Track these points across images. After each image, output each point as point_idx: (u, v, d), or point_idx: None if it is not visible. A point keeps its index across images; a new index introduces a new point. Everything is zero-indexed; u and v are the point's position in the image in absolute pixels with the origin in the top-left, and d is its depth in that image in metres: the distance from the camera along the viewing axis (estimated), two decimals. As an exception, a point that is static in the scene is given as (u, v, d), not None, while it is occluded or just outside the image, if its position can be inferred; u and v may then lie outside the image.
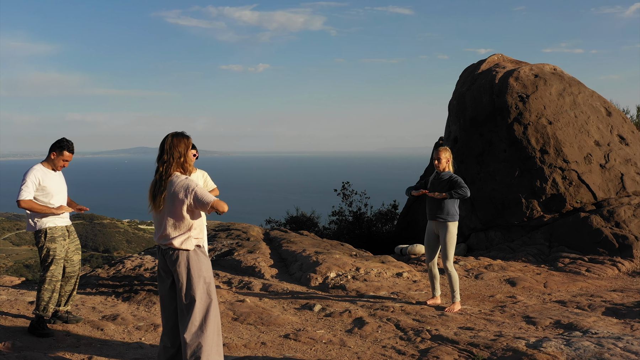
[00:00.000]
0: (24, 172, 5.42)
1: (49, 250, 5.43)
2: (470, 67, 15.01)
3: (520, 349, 4.72)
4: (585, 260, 9.61)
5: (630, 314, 6.08)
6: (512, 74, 12.87)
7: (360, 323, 5.91)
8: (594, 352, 4.53)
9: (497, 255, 10.61)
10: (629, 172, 11.56)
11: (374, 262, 8.78)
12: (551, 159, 11.51)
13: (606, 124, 12.51)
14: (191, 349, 3.93)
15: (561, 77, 13.03)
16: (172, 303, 4.15)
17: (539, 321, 5.85)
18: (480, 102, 12.95)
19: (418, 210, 15.73)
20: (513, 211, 11.45)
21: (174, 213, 3.95)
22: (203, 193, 3.92)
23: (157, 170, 4.04)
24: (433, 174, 6.71)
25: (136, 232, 70.58)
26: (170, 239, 3.98)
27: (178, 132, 4.10)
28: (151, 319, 6.10)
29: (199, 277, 4.00)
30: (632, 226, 10.17)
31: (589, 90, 13.12)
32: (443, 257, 6.45)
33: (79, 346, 5.15)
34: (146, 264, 9.06)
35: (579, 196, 11.08)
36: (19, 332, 5.47)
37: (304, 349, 5.13)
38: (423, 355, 4.83)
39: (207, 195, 3.92)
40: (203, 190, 3.94)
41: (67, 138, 5.60)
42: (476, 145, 12.65)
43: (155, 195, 4.01)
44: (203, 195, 3.91)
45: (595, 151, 11.77)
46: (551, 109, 12.19)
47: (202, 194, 3.91)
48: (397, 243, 15.34)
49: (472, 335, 5.31)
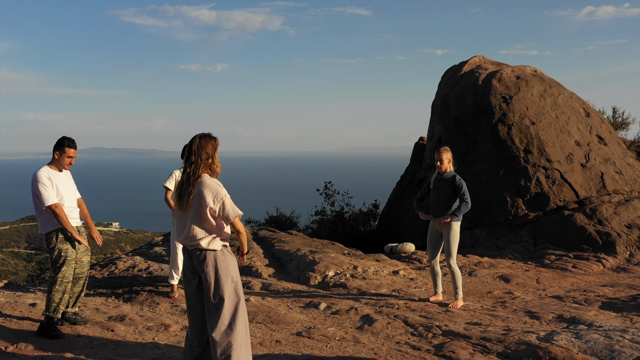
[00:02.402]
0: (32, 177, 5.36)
1: (60, 251, 5.38)
2: (451, 68, 15.26)
3: (533, 343, 4.87)
4: (571, 257, 9.89)
5: (627, 308, 6.31)
6: (494, 75, 13.14)
7: (369, 320, 6.00)
8: (604, 344, 4.71)
9: (484, 253, 10.84)
10: (608, 171, 11.93)
11: (369, 260, 8.89)
12: (535, 158, 11.80)
13: (585, 124, 12.88)
14: (221, 347, 3.96)
15: (542, 79, 13.36)
16: (198, 303, 4.16)
17: (542, 316, 6.03)
18: (464, 102, 13.18)
19: (400, 210, 15.92)
20: (498, 210, 11.70)
21: (201, 214, 3.97)
22: (231, 205, 3.95)
23: (184, 170, 4.06)
24: (435, 174, 6.82)
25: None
26: (197, 239, 4.00)
27: (205, 134, 4.12)
28: (160, 319, 6.08)
29: (227, 277, 4.03)
30: (614, 223, 10.51)
31: (568, 92, 13.49)
32: (447, 254, 6.58)
33: (93, 347, 5.12)
34: (139, 265, 9.01)
35: (562, 195, 11.39)
36: (28, 334, 5.41)
37: (319, 346, 5.20)
38: (439, 350, 4.95)
39: (233, 209, 3.94)
40: (231, 203, 3.96)
41: (67, 136, 5.57)
42: (461, 145, 12.88)
43: (182, 195, 4.02)
44: (230, 207, 3.94)
45: (576, 151, 12.12)
46: (533, 110, 12.49)
47: (229, 207, 3.93)
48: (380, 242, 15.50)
49: (481, 330, 5.45)
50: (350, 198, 17.27)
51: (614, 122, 15.07)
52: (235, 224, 4.01)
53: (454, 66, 15.22)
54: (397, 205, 16.31)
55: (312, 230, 17.89)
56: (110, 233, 66.08)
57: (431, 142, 14.28)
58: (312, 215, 17.78)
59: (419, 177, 16.09)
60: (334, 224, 17.11)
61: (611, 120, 14.99)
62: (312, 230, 17.94)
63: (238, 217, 3.98)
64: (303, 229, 18.12)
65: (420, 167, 16.61)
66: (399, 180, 17.27)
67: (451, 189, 6.57)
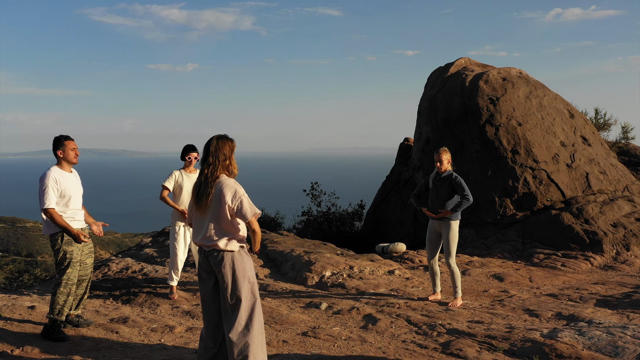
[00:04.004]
0: (40, 177, 5.32)
1: (65, 253, 5.33)
2: (437, 70, 15.43)
3: (538, 340, 4.98)
4: (559, 256, 10.09)
5: (622, 305, 6.47)
6: (481, 77, 13.32)
7: (372, 320, 6.05)
8: (607, 341, 4.83)
9: (473, 252, 10.99)
10: (593, 172, 12.18)
11: (364, 260, 8.95)
12: (522, 159, 12.00)
13: (570, 125, 13.13)
14: (238, 347, 3.97)
15: (527, 81, 13.59)
16: (214, 304, 4.17)
17: (541, 313, 6.16)
18: (452, 104, 13.34)
19: (386, 210, 16.04)
20: (487, 209, 11.87)
21: (220, 215, 3.98)
22: (249, 204, 3.97)
23: (202, 172, 4.07)
24: (433, 174, 6.92)
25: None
26: (214, 240, 4.01)
27: (222, 135, 4.14)
28: (163, 321, 6.06)
29: (244, 277, 4.05)
30: (600, 223, 10.74)
31: (552, 93, 13.74)
32: (446, 254, 6.67)
33: (99, 349, 5.09)
34: (132, 267, 8.94)
35: (549, 194, 11.60)
36: (32, 337, 5.35)
37: (326, 345, 5.24)
38: (446, 348, 5.02)
39: (251, 208, 3.97)
40: (249, 202, 3.99)
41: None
42: (449, 145, 13.00)
43: (200, 197, 4.03)
44: (248, 206, 3.97)
45: (561, 151, 12.35)
46: (520, 111, 12.70)
47: (247, 205, 3.96)
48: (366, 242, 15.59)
49: (485, 328, 5.55)
50: (337, 198, 17.35)
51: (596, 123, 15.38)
52: (251, 223, 4.03)
53: (440, 68, 15.40)
54: (383, 205, 16.42)
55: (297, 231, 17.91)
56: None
57: (419, 143, 14.41)
58: (298, 215, 17.81)
59: (405, 177, 16.22)
60: (321, 224, 17.16)
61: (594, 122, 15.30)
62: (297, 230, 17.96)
63: (255, 217, 4.00)
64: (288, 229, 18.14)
65: (405, 167, 16.75)
66: (385, 181, 17.39)
67: (450, 188, 6.68)
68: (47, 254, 58.64)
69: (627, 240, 10.28)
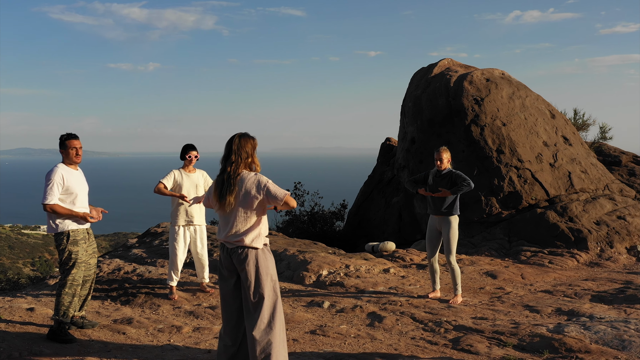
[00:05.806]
0: (46, 173, 5.24)
1: (70, 253, 5.26)
2: (420, 70, 15.58)
3: (545, 335, 5.09)
4: (546, 253, 10.30)
5: (617, 300, 6.66)
6: (465, 77, 13.50)
7: (377, 317, 6.11)
8: (613, 335, 4.97)
9: (460, 251, 11.13)
10: (575, 171, 12.46)
11: (358, 259, 9.01)
12: (507, 158, 12.21)
13: (552, 125, 13.40)
14: (261, 345, 3.98)
15: (509, 81, 13.83)
16: (235, 301, 4.17)
17: (541, 309, 6.29)
18: (437, 104, 13.49)
19: (369, 209, 16.14)
20: (473, 208, 12.04)
21: (246, 211, 4.00)
22: (276, 187, 4.01)
23: (224, 170, 4.07)
24: (434, 171, 7.03)
25: (19, 238, 64.49)
26: (240, 236, 4.01)
27: (244, 133, 4.15)
28: (168, 321, 6.01)
29: (267, 275, 4.06)
30: (584, 220, 11.00)
31: (534, 94, 14.00)
32: (446, 251, 6.77)
33: (109, 350, 5.03)
34: (124, 267, 8.83)
35: (533, 193, 11.82)
36: (37, 339, 5.26)
37: (337, 343, 5.27)
38: (456, 344, 5.10)
39: (279, 189, 4.01)
40: (275, 185, 4.02)
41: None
42: (435, 145, 13.15)
43: (223, 194, 4.03)
44: (276, 189, 4.00)
45: (544, 151, 12.60)
46: (504, 112, 12.92)
47: (275, 189, 4.00)
48: (349, 242, 15.67)
49: (490, 324, 5.65)
50: (320, 198, 17.38)
51: (575, 123, 15.73)
52: (288, 202, 4.02)
53: (423, 68, 15.55)
54: (366, 205, 16.52)
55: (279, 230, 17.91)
56: (38, 237, 63.24)
57: (404, 143, 14.53)
58: (281, 215, 17.80)
59: (388, 177, 16.36)
60: (304, 223, 17.18)
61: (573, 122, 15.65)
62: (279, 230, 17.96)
63: (288, 195, 4.00)
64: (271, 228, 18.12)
65: (388, 167, 16.88)
66: (367, 180, 17.50)
67: (451, 183, 6.80)
68: (6, 256, 56.93)
69: (610, 238, 10.55)
